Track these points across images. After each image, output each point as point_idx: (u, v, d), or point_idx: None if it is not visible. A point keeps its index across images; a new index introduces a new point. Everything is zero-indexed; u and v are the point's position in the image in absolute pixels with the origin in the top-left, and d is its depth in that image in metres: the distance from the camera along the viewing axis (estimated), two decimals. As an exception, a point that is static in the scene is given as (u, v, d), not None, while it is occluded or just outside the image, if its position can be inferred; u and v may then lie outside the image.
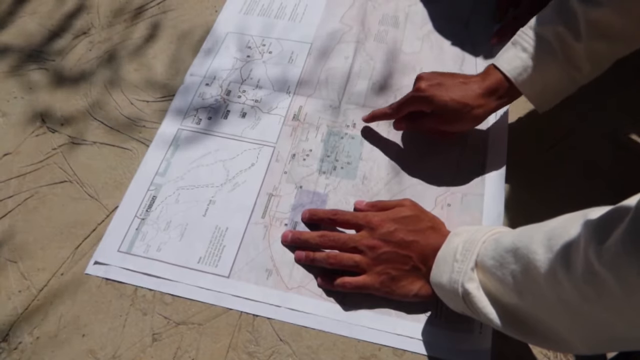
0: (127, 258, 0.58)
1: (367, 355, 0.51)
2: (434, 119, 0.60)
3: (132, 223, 0.60)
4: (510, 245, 0.41)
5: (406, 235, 0.52)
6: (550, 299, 0.37)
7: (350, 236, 0.55)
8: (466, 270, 0.44)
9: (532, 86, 0.57)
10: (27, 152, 0.68)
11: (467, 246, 0.45)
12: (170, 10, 0.83)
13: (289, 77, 0.73)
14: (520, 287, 0.40)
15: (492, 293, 0.43)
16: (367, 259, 0.53)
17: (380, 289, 0.52)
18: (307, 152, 0.65)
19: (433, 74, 0.61)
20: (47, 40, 0.80)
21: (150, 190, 0.63)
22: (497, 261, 0.42)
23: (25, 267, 0.58)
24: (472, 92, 0.58)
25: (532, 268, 0.38)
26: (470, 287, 0.44)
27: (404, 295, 0.52)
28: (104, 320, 0.55)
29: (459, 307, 0.47)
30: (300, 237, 0.57)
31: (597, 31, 0.52)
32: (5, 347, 0.54)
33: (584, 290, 0.34)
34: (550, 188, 0.61)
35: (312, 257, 0.56)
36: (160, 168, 0.65)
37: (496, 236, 0.45)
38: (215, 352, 0.52)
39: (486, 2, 0.79)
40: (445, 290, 0.47)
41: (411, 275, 0.52)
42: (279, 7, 0.82)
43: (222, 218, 0.60)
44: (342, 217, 0.57)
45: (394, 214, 0.54)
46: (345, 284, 0.53)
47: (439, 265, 0.48)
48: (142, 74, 0.75)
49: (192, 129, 0.68)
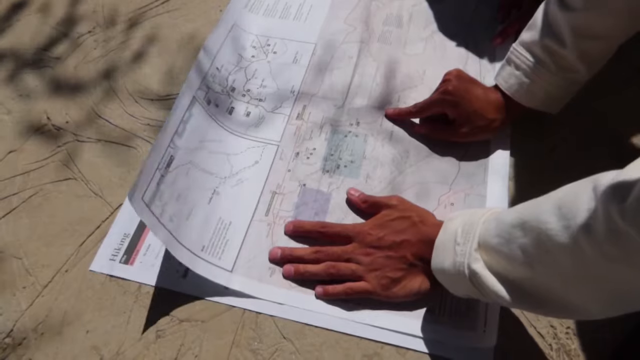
0: (145, 211, 0.53)
1: (370, 354, 0.52)
2: (455, 131, 0.62)
3: (155, 175, 0.56)
4: (516, 220, 0.41)
5: (396, 236, 0.53)
6: (565, 267, 0.37)
7: (343, 248, 0.55)
8: (470, 252, 0.44)
9: (532, 98, 0.59)
10: (31, 150, 0.68)
11: (467, 228, 0.46)
12: (174, 10, 0.83)
13: (294, 77, 0.73)
14: (532, 260, 0.40)
15: (498, 271, 0.43)
16: (363, 267, 0.53)
17: (381, 293, 0.53)
18: (311, 150, 0.65)
19: (461, 77, 0.62)
20: (52, 38, 0.81)
21: (171, 148, 0.59)
22: (502, 238, 0.42)
23: (30, 264, 0.59)
24: (492, 105, 0.61)
25: (545, 239, 0.38)
26: (477, 267, 0.43)
27: (407, 294, 0.52)
28: (107, 317, 0.55)
29: (464, 291, 0.47)
30: (293, 254, 0.57)
31: (580, 34, 0.53)
32: (10, 342, 0.54)
33: (609, 251, 0.33)
34: (554, 187, 0.60)
35: (304, 271, 0.55)
36: (179, 128, 0.61)
37: (495, 215, 0.45)
38: (218, 349, 0.52)
39: (489, 2, 0.79)
40: (449, 275, 0.46)
41: (410, 273, 0.53)
42: (283, 7, 0.82)
43: (225, 211, 0.60)
44: (331, 229, 0.57)
45: (381, 220, 0.55)
46: (348, 289, 0.53)
47: (438, 252, 0.48)
48: (147, 72, 0.76)
49: (203, 106, 0.65)
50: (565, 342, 0.51)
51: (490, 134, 0.63)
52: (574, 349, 0.51)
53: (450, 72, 0.63)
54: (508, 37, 0.73)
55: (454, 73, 0.62)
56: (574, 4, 0.52)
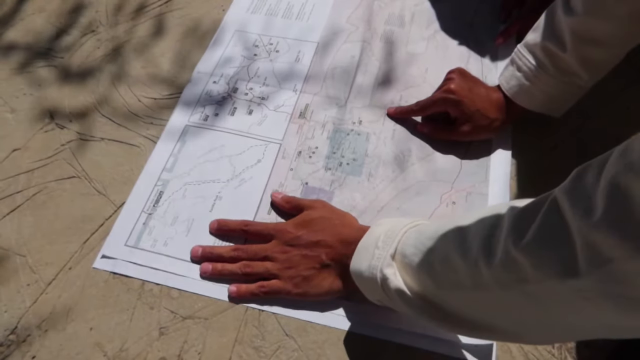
0: (135, 252, 0.58)
1: (372, 352, 0.52)
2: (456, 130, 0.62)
3: (140, 217, 0.61)
4: (432, 233, 0.42)
5: (313, 236, 0.54)
6: (468, 288, 0.38)
7: (261, 246, 0.56)
8: (385, 256, 0.45)
9: (532, 101, 0.59)
10: (35, 148, 0.68)
11: (389, 234, 0.46)
12: (177, 9, 0.84)
13: (296, 76, 0.73)
14: (439, 276, 0.40)
15: (407, 282, 0.43)
16: (278, 265, 0.54)
17: (292, 290, 0.53)
18: (313, 149, 0.65)
19: (464, 75, 0.63)
20: (55, 37, 0.81)
21: (158, 186, 0.63)
22: (417, 249, 0.42)
23: (34, 261, 0.59)
24: (493, 104, 0.61)
25: (452, 257, 0.39)
26: (388, 272, 0.44)
27: (317, 293, 0.53)
28: (111, 314, 0.55)
29: (377, 295, 0.47)
30: (213, 252, 0.57)
31: (581, 39, 0.53)
32: (14, 339, 0.54)
33: (503, 277, 0.34)
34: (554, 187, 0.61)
35: (221, 269, 0.56)
36: (168, 164, 0.65)
37: (419, 227, 0.46)
38: (221, 347, 0.53)
39: (491, 2, 0.79)
40: (364, 277, 0.47)
41: (322, 272, 0.53)
42: (286, 6, 0.83)
43: (228, 214, 0.61)
44: (253, 228, 0.58)
45: (301, 219, 0.56)
46: (261, 287, 0.54)
47: (359, 254, 0.48)
48: (149, 71, 0.76)
49: (199, 125, 0.69)
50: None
51: (491, 133, 0.63)
52: (575, 347, 0.51)
53: (453, 71, 0.63)
54: (509, 36, 0.73)
55: (457, 72, 0.63)
56: (575, 8, 0.52)
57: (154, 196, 0.62)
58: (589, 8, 0.51)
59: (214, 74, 0.74)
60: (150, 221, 0.60)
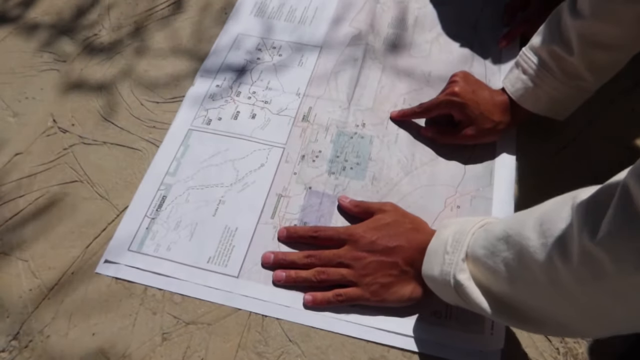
0: (137, 257, 0.58)
1: (376, 357, 0.51)
2: (460, 133, 0.62)
3: (142, 222, 0.61)
4: (502, 233, 0.41)
5: (389, 241, 0.53)
6: (543, 285, 0.37)
7: (335, 252, 0.55)
8: (457, 262, 0.44)
9: (537, 103, 0.59)
10: (38, 152, 0.68)
11: (457, 237, 0.46)
12: (180, 13, 0.84)
13: (299, 79, 0.73)
14: (513, 275, 0.40)
15: (483, 283, 0.43)
16: (354, 271, 0.53)
17: (371, 299, 0.52)
18: (317, 153, 0.65)
19: (468, 78, 0.62)
20: (58, 41, 0.81)
21: (161, 190, 0.63)
22: (488, 250, 0.42)
23: (36, 266, 0.59)
24: (497, 107, 0.61)
25: (526, 254, 0.38)
26: (461, 277, 0.44)
27: (397, 300, 0.52)
28: (113, 320, 0.55)
29: (452, 299, 0.47)
30: (286, 259, 0.56)
31: (588, 42, 0.53)
32: (16, 345, 0.54)
33: (581, 273, 0.33)
34: (559, 190, 0.60)
35: (296, 276, 0.55)
36: (171, 168, 0.65)
37: (486, 226, 0.45)
38: (224, 352, 0.52)
39: (495, 4, 0.79)
40: (437, 282, 0.46)
41: (401, 279, 0.52)
42: (289, 10, 0.83)
43: (231, 218, 0.60)
44: (324, 233, 0.57)
45: (374, 223, 0.55)
46: (338, 295, 0.53)
47: (429, 258, 0.48)
48: (153, 75, 0.76)
49: (202, 129, 0.68)
50: (573, 346, 0.51)
51: (495, 137, 0.63)
52: (581, 353, 0.51)
53: (457, 74, 0.63)
54: (513, 39, 0.73)
55: (461, 75, 0.62)
56: (582, 11, 0.52)
57: (157, 200, 0.62)
58: (597, 12, 0.50)
59: (217, 78, 0.74)
60: (154, 226, 0.60)
